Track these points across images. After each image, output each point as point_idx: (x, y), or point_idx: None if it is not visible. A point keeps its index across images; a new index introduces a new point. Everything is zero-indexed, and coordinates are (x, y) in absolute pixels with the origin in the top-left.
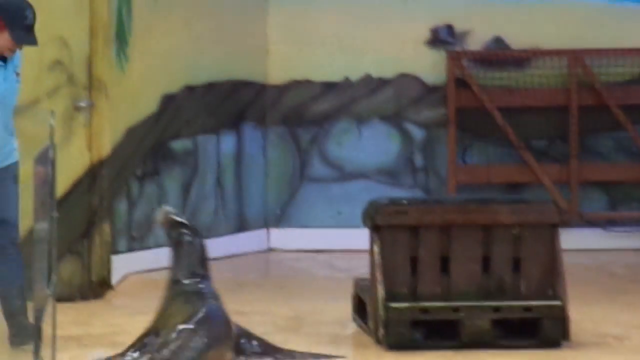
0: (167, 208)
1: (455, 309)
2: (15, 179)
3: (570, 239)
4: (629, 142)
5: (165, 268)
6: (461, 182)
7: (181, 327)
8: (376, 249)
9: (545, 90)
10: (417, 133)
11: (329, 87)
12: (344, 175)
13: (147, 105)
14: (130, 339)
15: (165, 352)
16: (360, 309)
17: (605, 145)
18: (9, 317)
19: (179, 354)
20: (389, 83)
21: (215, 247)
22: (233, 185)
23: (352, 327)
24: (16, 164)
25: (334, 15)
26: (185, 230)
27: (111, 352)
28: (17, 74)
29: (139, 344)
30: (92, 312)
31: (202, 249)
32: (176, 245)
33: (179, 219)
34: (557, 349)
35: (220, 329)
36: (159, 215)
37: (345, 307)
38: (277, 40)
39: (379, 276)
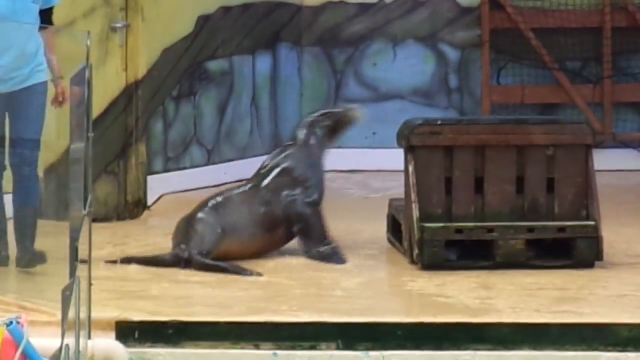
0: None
1: (489, 229)
2: (39, 98)
3: (604, 160)
4: None
5: (200, 188)
6: (495, 103)
7: None
8: (410, 169)
9: (579, 12)
10: (452, 54)
11: (364, 7)
12: (379, 95)
13: (182, 26)
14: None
15: None
16: (394, 229)
17: (638, 66)
18: (19, 237)
19: None
20: (423, 4)
21: (251, 167)
22: (268, 106)
23: (386, 247)
24: (42, 84)
25: None
26: None
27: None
28: None
29: None
30: (128, 232)
31: None
32: None
33: None
34: (590, 269)
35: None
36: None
37: (380, 227)
38: None
39: (413, 196)
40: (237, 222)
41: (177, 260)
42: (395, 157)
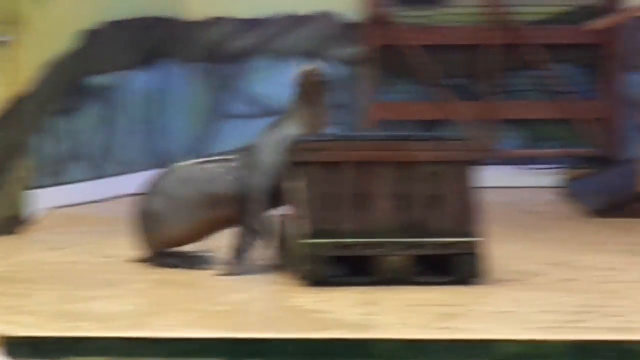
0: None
1: (374, 245)
2: None
3: (487, 177)
4: (545, 80)
5: (85, 203)
6: (381, 119)
7: None
8: (297, 185)
9: (465, 29)
10: (337, 70)
11: (248, 23)
12: (263, 111)
13: (67, 40)
14: (49, 274)
15: None
16: (281, 245)
17: (521, 83)
18: None
19: None
20: (308, 20)
21: (136, 182)
22: (152, 121)
23: (274, 263)
24: None
25: None
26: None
27: (24, 289)
28: None
29: None
30: (8, 248)
31: None
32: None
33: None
34: (473, 286)
35: None
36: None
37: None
38: None
39: (300, 212)
40: (180, 202)
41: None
42: None
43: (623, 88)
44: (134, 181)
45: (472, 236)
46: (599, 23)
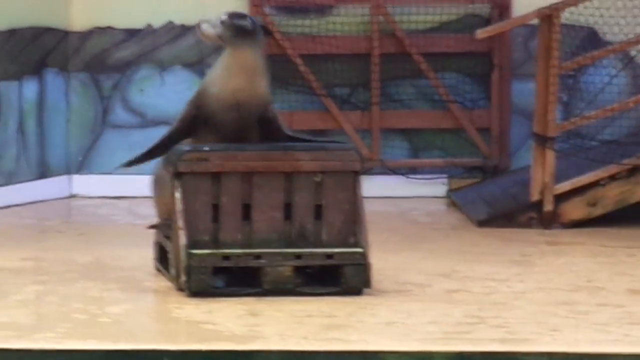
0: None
1: (257, 256)
2: None
3: (373, 187)
4: (430, 89)
5: None
6: None
7: None
8: (178, 195)
9: (347, 38)
10: None
11: (131, 33)
12: (146, 122)
13: None
14: None
15: None
16: (162, 256)
17: (406, 92)
18: None
19: None
20: (191, 30)
21: (17, 193)
22: (35, 132)
23: (154, 274)
24: None
25: None
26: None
27: None
28: None
29: None
30: None
31: None
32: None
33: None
34: (359, 296)
35: None
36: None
37: (147, 254)
38: None
39: (180, 223)
40: None
41: None
42: None
43: (511, 97)
44: (17, 192)
45: (357, 247)
46: (488, 31)
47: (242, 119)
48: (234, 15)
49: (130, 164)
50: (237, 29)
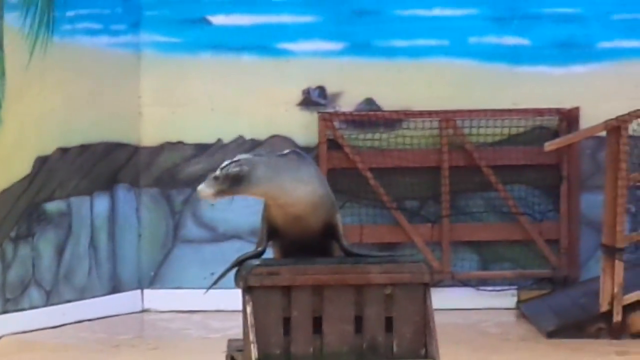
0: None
1: None
2: None
3: (443, 299)
4: (499, 202)
5: (39, 329)
6: None
7: None
8: (249, 309)
9: (417, 151)
10: None
11: (201, 148)
12: (217, 236)
13: (20, 167)
14: None
15: None
16: None
17: (475, 205)
18: None
19: None
20: (261, 144)
21: (90, 308)
22: (107, 247)
23: None
24: None
25: (207, 77)
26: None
27: None
28: None
29: None
30: None
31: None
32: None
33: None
34: None
35: None
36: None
37: None
38: (150, 102)
39: (251, 337)
40: None
41: None
42: (234, 297)
43: (580, 209)
44: (89, 307)
45: (428, 358)
46: (556, 143)
47: (304, 229)
48: (224, 167)
49: (216, 282)
50: (230, 180)
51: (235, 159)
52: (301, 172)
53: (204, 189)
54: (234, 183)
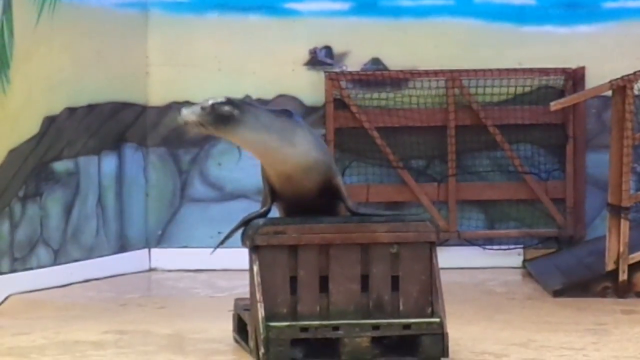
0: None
1: (335, 328)
2: None
3: (449, 258)
4: (505, 161)
5: (47, 288)
6: None
7: None
8: (255, 268)
9: (423, 111)
10: None
11: None
12: (224, 195)
13: (28, 127)
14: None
15: None
16: (241, 328)
17: (482, 164)
18: None
19: None
20: (268, 104)
21: (97, 267)
22: (114, 206)
23: (233, 346)
24: None
25: (214, 37)
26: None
27: None
28: None
29: None
30: None
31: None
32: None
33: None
34: None
35: None
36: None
37: (226, 327)
38: (157, 62)
39: (258, 296)
40: None
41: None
42: (241, 257)
43: (585, 168)
44: (97, 266)
45: (434, 317)
46: (562, 103)
47: (298, 190)
48: (215, 101)
49: (222, 242)
50: (217, 116)
51: (228, 97)
52: (291, 134)
53: (188, 114)
54: (219, 120)
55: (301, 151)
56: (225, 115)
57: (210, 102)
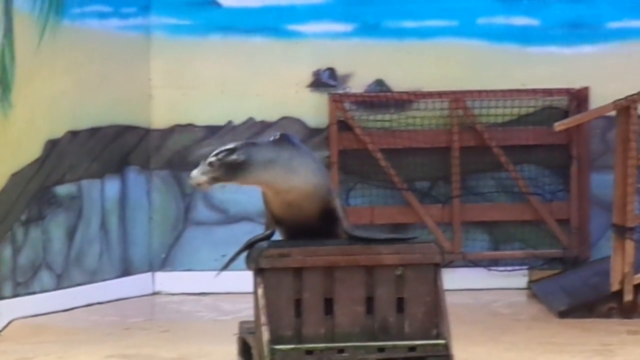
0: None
1: (340, 350)
2: None
3: (454, 279)
4: (509, 182)
5: (50, 313)
6: None
7: None
8: (260, 291)
9: (427, 132)
10: None
11: (212, 130)
12: (228, 218)
13: (30, 150)
14: None
15: None
16: (245, 351)
17: (486, 185)
18: None
19: None
20: (272, 126)
21: (101, 291)
22: (118, 230)
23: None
24: None
25: (217, 59)
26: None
27: None
28: None
29: None
30: None
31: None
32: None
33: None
34: None
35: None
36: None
37: (231, 350)
38: (160, 84)
39: (263, 319)
40: None
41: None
42: (245, 279)
43: (590, 188)
44: (100, 290)
45: (440, 338)
46: (566, 123)
47: (298, 215)
48: (220, 154)
49: (227, 265)
50: (227, 167)
51: (229, 146)
52: (295, 162)
53: (198, 176)
54: (229, 171)
55: (303, 178)
56: (235, 164)
57: (215, 156)
